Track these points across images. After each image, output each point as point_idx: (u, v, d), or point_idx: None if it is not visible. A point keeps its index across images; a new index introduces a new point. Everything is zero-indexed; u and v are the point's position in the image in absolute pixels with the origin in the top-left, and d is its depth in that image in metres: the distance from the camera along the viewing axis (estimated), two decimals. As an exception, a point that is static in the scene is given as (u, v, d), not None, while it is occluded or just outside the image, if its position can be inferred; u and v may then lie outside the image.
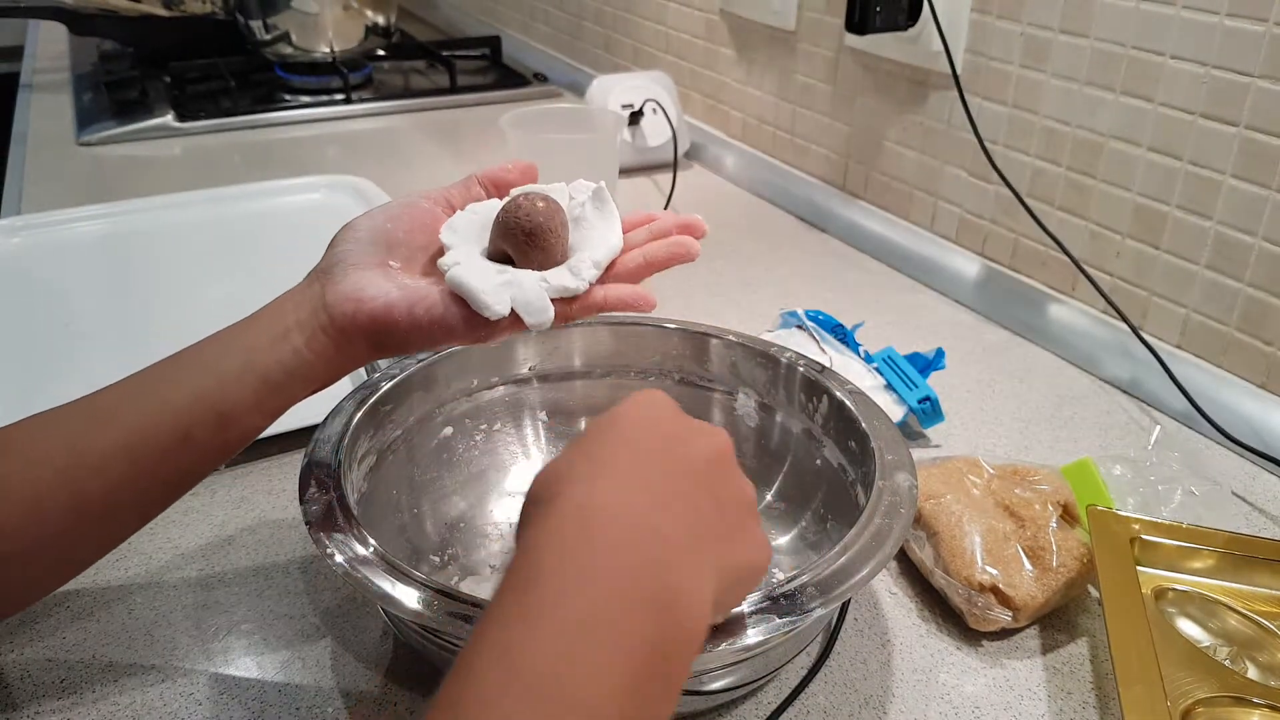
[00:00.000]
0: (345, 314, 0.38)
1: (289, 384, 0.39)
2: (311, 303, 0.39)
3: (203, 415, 0.37)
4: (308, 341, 0.39)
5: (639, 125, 0.99)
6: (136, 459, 0.37)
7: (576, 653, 0.25)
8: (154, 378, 0.38)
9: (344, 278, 0.39)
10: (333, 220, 0.46)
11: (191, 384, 0.38)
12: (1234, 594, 0.46)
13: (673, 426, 0.33)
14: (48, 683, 0.42)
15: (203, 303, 0.74)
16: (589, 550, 0.27)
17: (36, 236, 0.83)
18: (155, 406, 0.37)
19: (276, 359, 0.38)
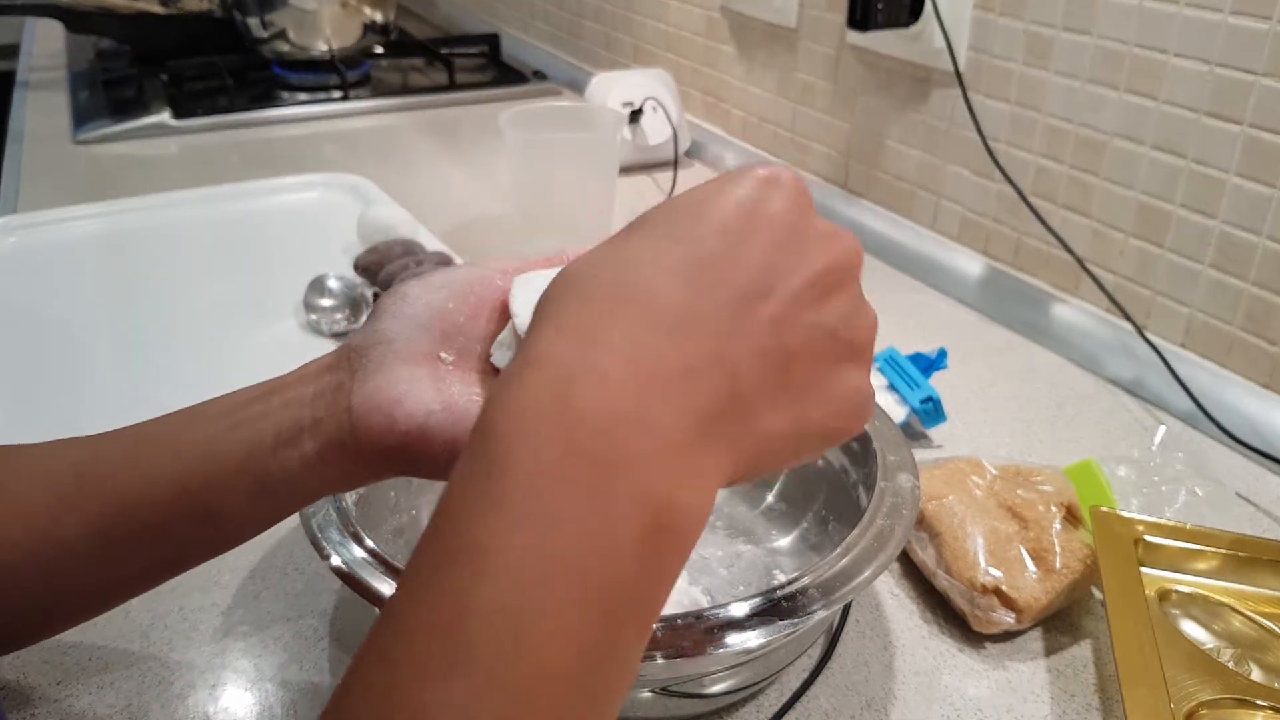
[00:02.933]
0: (373, 429, 0.30)
1: (291, 494, 0.32)
2: (334, 398, 0.31)
3: (186, 511, 0.32)
4: (320, 452, 0.31)
5: (639, 123, 0.98)
6: (111, 544, 0.32)
7: (554, 546, 0.21)
8: (150, 447, 0.33)
9: (379, 371, 0.31)
10: (331, 219, 0.44)
11: (179, 472, 0.32)
12: (1238, 596, 0.46)
13: (777, 237, 0.26)
14: (45, 684, 0.42)
15: (200, 301, 0.73)
16: (562, 444, 0.22)
17: (33, 235, 0.82)
18: (137, 487, 0.32)
19: (280, 466, 0.31)
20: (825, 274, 0.27)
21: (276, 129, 1.14)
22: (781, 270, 0.26)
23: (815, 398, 0.27)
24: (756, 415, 0.25)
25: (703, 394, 0.24)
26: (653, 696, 0.38)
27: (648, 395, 0.23)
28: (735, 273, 0.25)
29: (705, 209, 0.26)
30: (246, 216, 0.88)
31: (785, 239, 0.26)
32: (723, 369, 0.24)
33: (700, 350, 0.24)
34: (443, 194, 0.97)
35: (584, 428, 0.22)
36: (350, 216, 0.81)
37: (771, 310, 0.26)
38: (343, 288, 0.70)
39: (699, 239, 0.26)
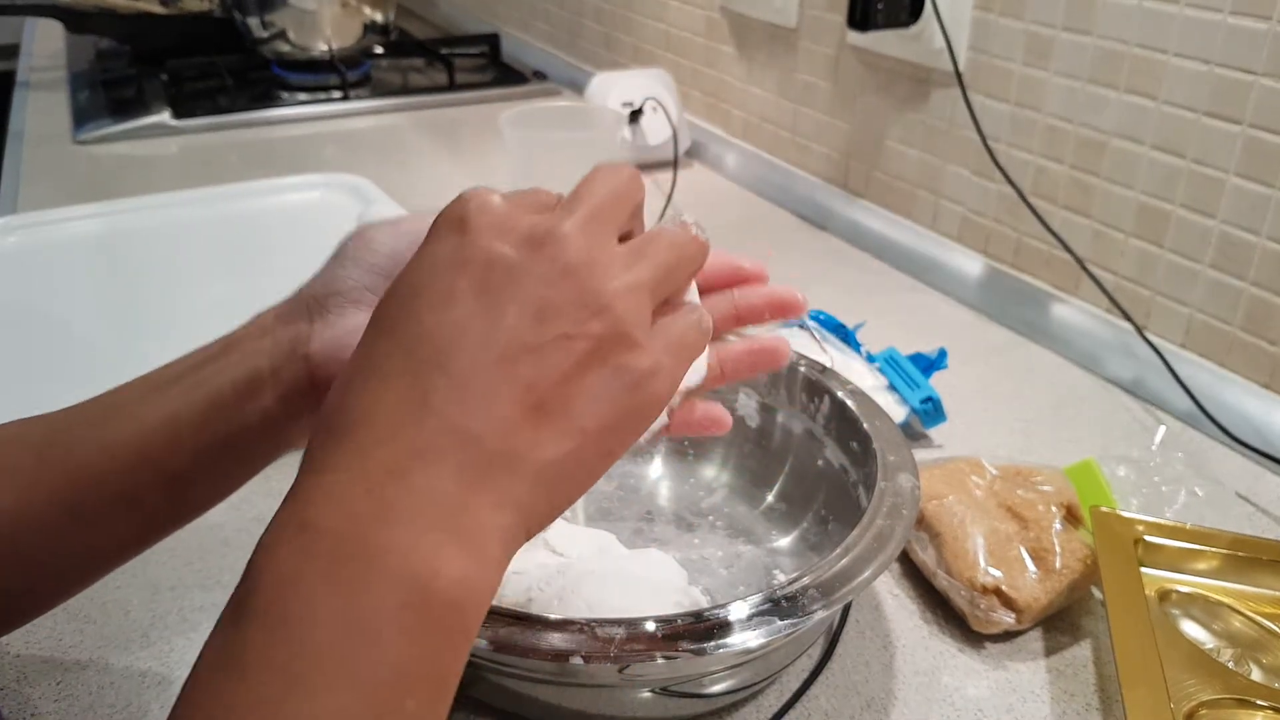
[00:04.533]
0: (329, 377, 0.31)
1: (254, 449, 0.33)
2: (293, 346, 0.32)
3: (150, 479, 0.32)
4: (280, 400, 0.32)
5: (639, 124, 0.98)
6: (81, 519, 0.32)
7: (310, 643, 0.22)
8: (109, 416, 0.33)
9: (338, 318, 0.32)
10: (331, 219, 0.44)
11: (140, 439, 0.32)
12: (1238, 596, 0.46)
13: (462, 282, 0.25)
14: (44, 684, 0.42)
15: (199, 302, 0.73)
16: (303, 553, 0.23)
17: (33, 235, 0.82)
18: (99, 459, 0.32)
19: (241, 420, 0.32)
20: (532, 291, 0.26)
21: (276, 129, 1.14)
22: (478, 313, 0.25)
23: (583, 407, 0.26)
24: (520, 457, 0.25)
25: (443, 468, 0.24)
26: (653, 696, 0.38)
27: (383, 492, 0.23)
28: (434, 342, 0.25)
29: (402, 289, 0.26)
30: (246, 216, 0.88)
31: (476, 284, 0.26)
32: (455, 438, 0.24)
33: (426, 434, 0.24)
34: (443, 194, 0.96)
35: (324, 536, 0.23)
36: (350, 217, 0.81)
37: (483, 358, 0.25)
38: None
39: (399, 328, 0.26)
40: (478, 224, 0.26)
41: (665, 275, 0.28)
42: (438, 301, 0.25)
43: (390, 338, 0.26)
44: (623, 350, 0.26)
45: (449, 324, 0.25)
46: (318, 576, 0.22)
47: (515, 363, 0.25)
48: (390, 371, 0.25)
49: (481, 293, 0.25)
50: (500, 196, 0.28)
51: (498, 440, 0.25)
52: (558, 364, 0.25)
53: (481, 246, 0.26)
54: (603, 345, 0.26)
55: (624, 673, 0.35)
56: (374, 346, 0.26)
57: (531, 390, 0.25)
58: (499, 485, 0.24)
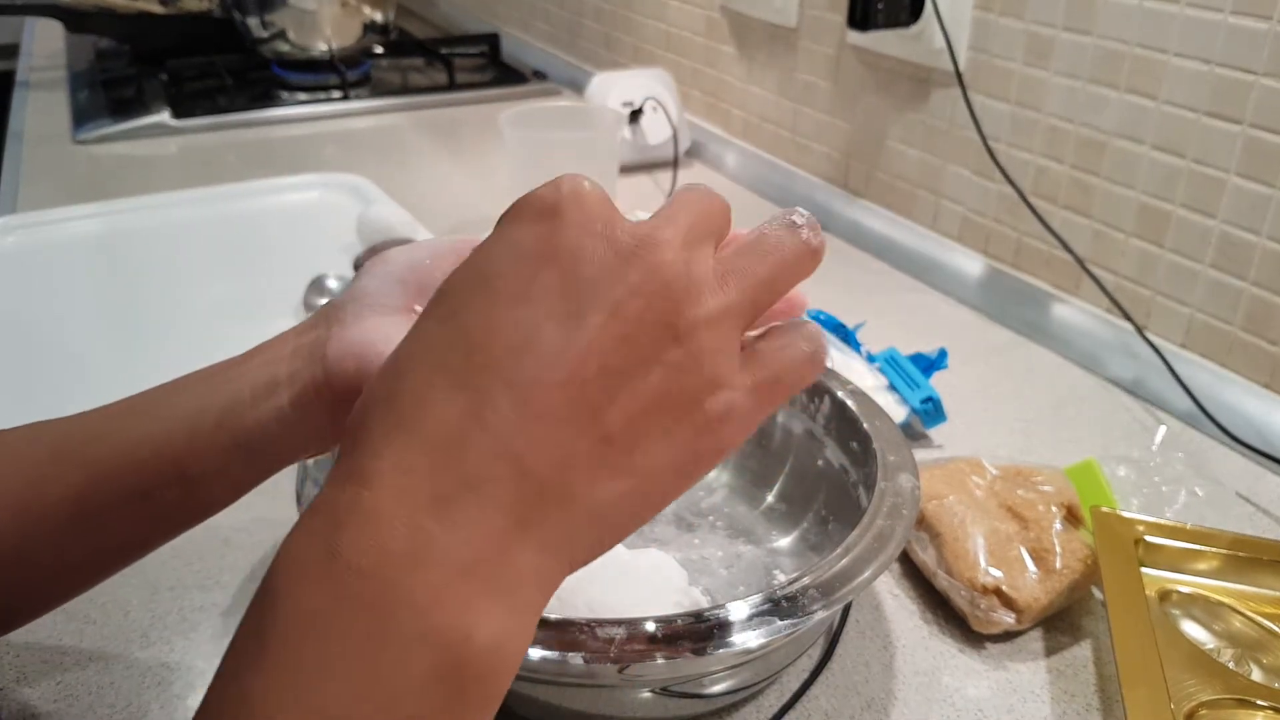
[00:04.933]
0: (345, 373, 0.31)
1: (267, 451, 0.32)
2: (311, 350, 0.32)
3: (165, 475, 0.31)
4: (294, 401, 0.31)
5: (639, 123, 0.98)
6: (89, 516, 0.32)
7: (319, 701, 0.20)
8: (124, 416, 0.33)
9: (355, 321, 0.32)
10: (330, 219, 0.44)
11: (158, 435, 0.32)
12: (1238, 596, 0.46)
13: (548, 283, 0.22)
14: (44, 684, 0.42)
15: (199, 301, 0.73)
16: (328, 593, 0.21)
17: (32, 235, 0.82)
18: (115, 455, 0.32)
19: (256, 419, 0.31)
20: (620, 300, 0.22)
21: (276, 129, 1.14)
22: (557, 316, 0.22)
23: (650, 445, 0.23)
24: (575, 494, 0.22)
25: (491, 503, 0.21)
26: (653, 697, 0.38)
27: (422, 527, 0.21)
28: (502, 343, 0.22)
29: (477, 277, 0.23)
30: (246, 216, 0.88)
31: (559, 281, 0.23)
32: (509, 468, 0.22)
33: (477, 458, 0.21)
34: (442, 194, 0.97)
35: (351, 573, 0.21)
36: (350, 216, 0.81)
37: (554, 373, 0.22)
38: (342, 288, 0.70)
39: (461, 317, 0.23)
40: (573, 212, 0.23)
41: (764, 292, 0.25)
42: (513, 294, 0.22)
43: (452, 325, 0.23)
44: (702, 387, 0.23)
45: (522, 323, 0.22)
46: (341, 623, 0.20)
47: (586, 385, 0.22)
48: (449, 368, 0.22)
49: (565, 293, 0.22)
50: (597, 187, 0.24)
51: (554, 474, 0.22)
52: (632, 392, 0.23)
53: (573, 238, 0.23)
54: (682, 377, 0.23)
55: (624, 673, 0.35)
56: (434, 332, 0.23)
57: (598, 420, 0.22)
58: (547, 524, 0.22)
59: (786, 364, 0.26)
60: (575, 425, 0.22)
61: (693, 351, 0.23)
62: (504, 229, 0.24)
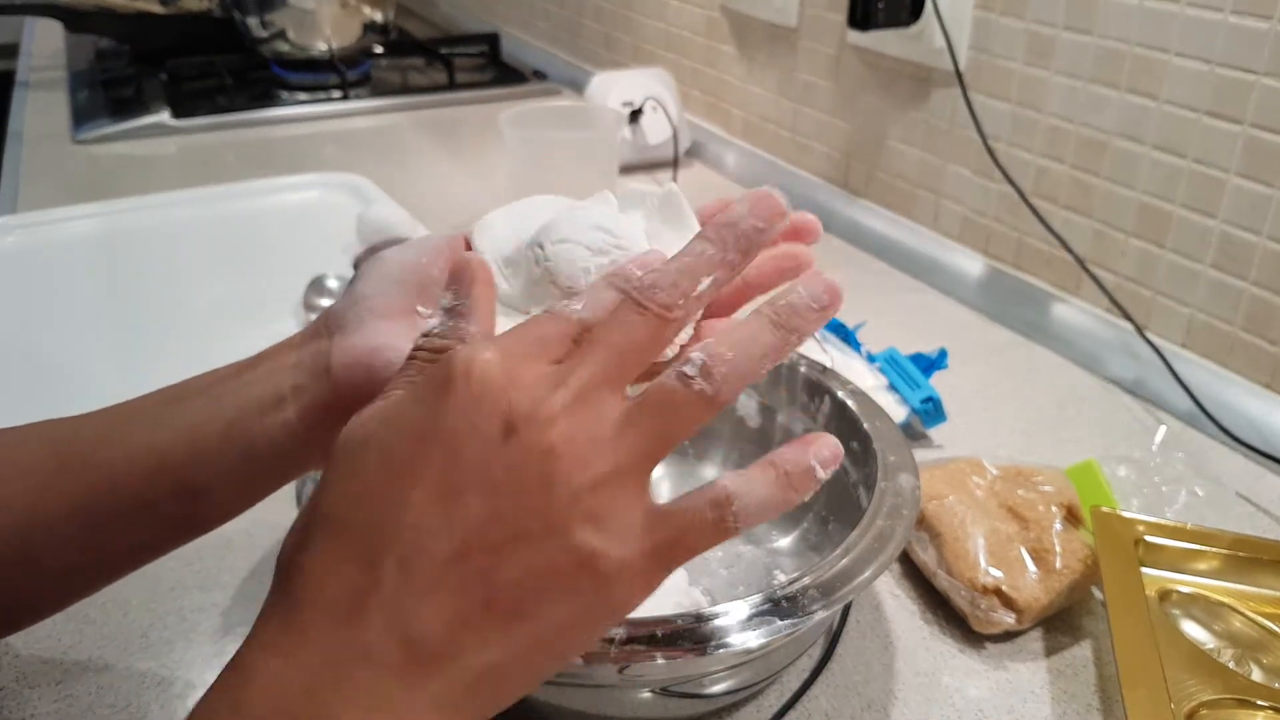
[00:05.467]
0: (354, 384, 0.31)
1: (276, 464, 0.32)
2: (314, 361, 0.32)
3: (170, 487, 0.32)
4: (302, 414, 0.31)
5: (639, 123, 0.98)
6: (94, 523, 0.32)
7: None
8: (130, 423, 0.32)
9: (358, 329, 0.32)
10: (331, 219, 0.44)
11: (163, 446, 0.32)
12: (1238, 596, 0.46)
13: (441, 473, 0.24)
14: (43, 685, 0.42)
15: (199, 301, 0.73)
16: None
17: (32, 235, 0.82)
18: (120, 464, 0.31)
19: (264, 431, 0.31)
20: (496, 483, 0.24)
21: (276, 129, 1.14)
22: (438, 499, 0.24)
23: (534, 610, 0.24)
24: (464, 659, 0.24)
25: (383, 671, 0.23)
26: (653, 697, 0.38)
27: (318, 693, 0.23)
28: (392, 522, 0.24)
29: (371, 446, 0.25)
30: (246, 216, 0.88)
31: (442, 461, 0.24)
32: (398, 639, 0.23)
33: (370, 630, 0.23)
34: (442, 194, 0.96)
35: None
36: (350, 216, 0.81)
37: (438, 551, 0.24)
38: (342, 287, 0.70)
39: (360, 491, 0.24)
40: (461, 393, 0.24)
41: (661, 447, 0.25)
42: (401, 474, 0.24)
43: (351, 499, 0.25)
44: (590, 552, 0.24)
45: (411, 502, 0.24)
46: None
47: (468, 559, 0.24)
48: (347, 542, 0.24)
49: (446, 475, 0.24)
50: (496, 353, 0.25)
51: (442, 643, 0.24)
52: (513, 563, 0.24)
53: (454, 423, 0.24)
54: (566, 545, 0.24)
55: (624, 673, 0.34)
56: (332, 505, 0.25)
57: (482, 586, 0.24)
58: (439, 687, 0.24)
59: (686, 527, 0.26)
60: (461, 594, 0.24)
61: (575, 520, 0.24)
62: (405, 398, 0.25)
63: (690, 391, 0.25)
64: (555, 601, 0.24)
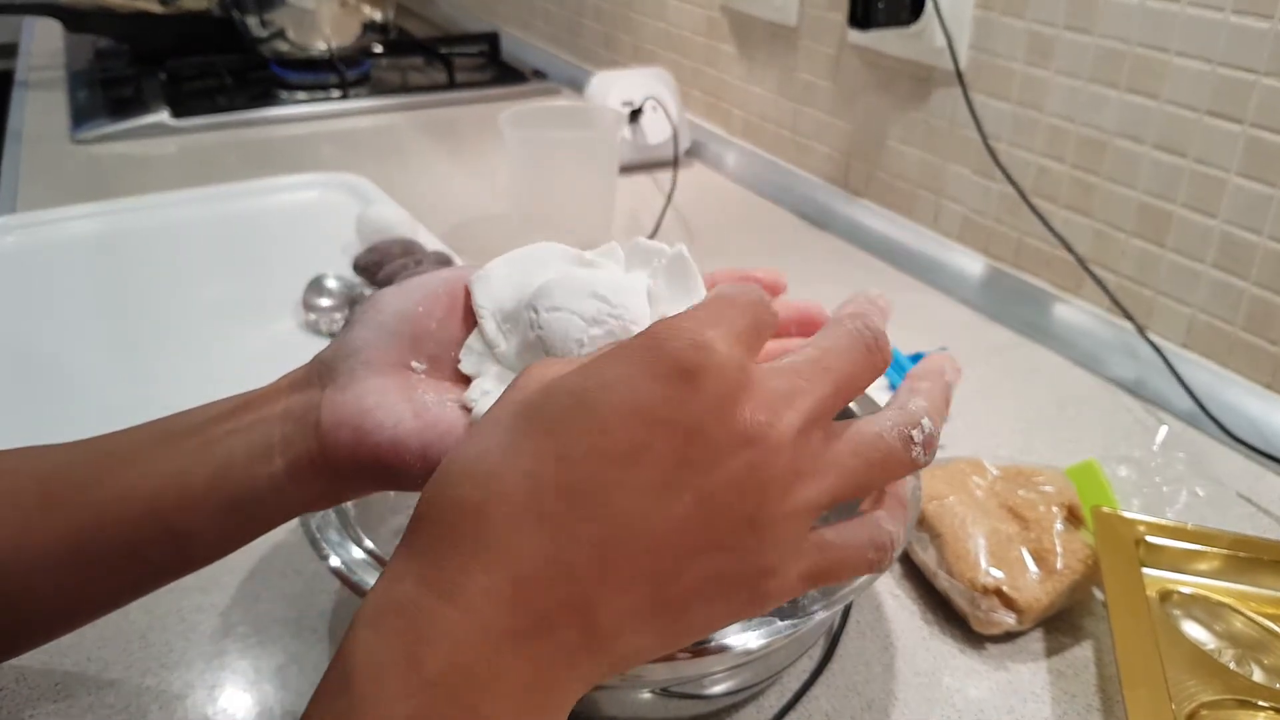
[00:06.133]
0: (341, 445, 0.30)
1: (261, 514, 0.31)
2: (304, 413, 0.31)
3: (156, 533, 0.31)
4: (289, 469, 0.30)
5: (639, 123, 0.98)
6: (80, 563, 0.31)
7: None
8: (120, 462, 0.32)
9: (349, 384, 0.30)
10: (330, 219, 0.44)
11: (148, 491, 0.31)
12: (1239, 596, 0.46)
13: (672, 456, 0.23)
14: (43, 686, 0.42)
15: (198, 301, 0.73)
16: (411, 704, 0.22)
17: (31, 235, 0.82)
18: (105, 506, 0.31)
19: (250, 483, 0.30)
20: (717, 489, 0.24)
21: (275, 128, 1.14)
22: (657, 487, 0.23)
23: (696, 612, 0.25)
24: (621, 641, 0.24)
25: (556, 647, 0.23)
26: (653, 697, 0.38)
27: (499, 654, 0.23)
28: (601, 498, 0.23)
29: (591, 413, 0.24)
30: (245, 216, 0.88)
31: (670, 454, 0.23)
32: (580, 616, 0.23)
33: (556, 603, 0.23)
34: (442, 194, 0.96)
35: (433, 688, 0.22)
36: (349, 216, 0.81)
37: (640, 540, 0.23)
38: (342, 287, 0.70)
39: (565, 462, 0.23)
40: (708, 390, 0.24)
41: (852, 492, 0.26)
42: (622, 454, 0.23)
43: (554, 468, 0.23)
44: (763, 571, 0.25)
45: (623, 485, 0.23)
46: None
47: (663, 555, 0.24)
48: (544, 510, 0.23)
49: (673, 469, 0.23)
50: (743, 354, 0.25)
51: (612, 626, 0.24)
52: (700, 568, 0.24)
53: (696, 415, 0.24)
54: (746, 563, 0.25)
55: (624, 673, 0.34)
56: (533, 466, 0.24)
57: (662, 587, 0.24)
58: (593, 663, 0.24)
59: (843, 563, 0.27)
60: (643, 589, 0.24)
61: (765, 544, 0.25)
62: (635, 371, 0.24)
63: (908, 457, 0.27)
64: (713, 607, 0.25)
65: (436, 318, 0.32)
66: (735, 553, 0.24)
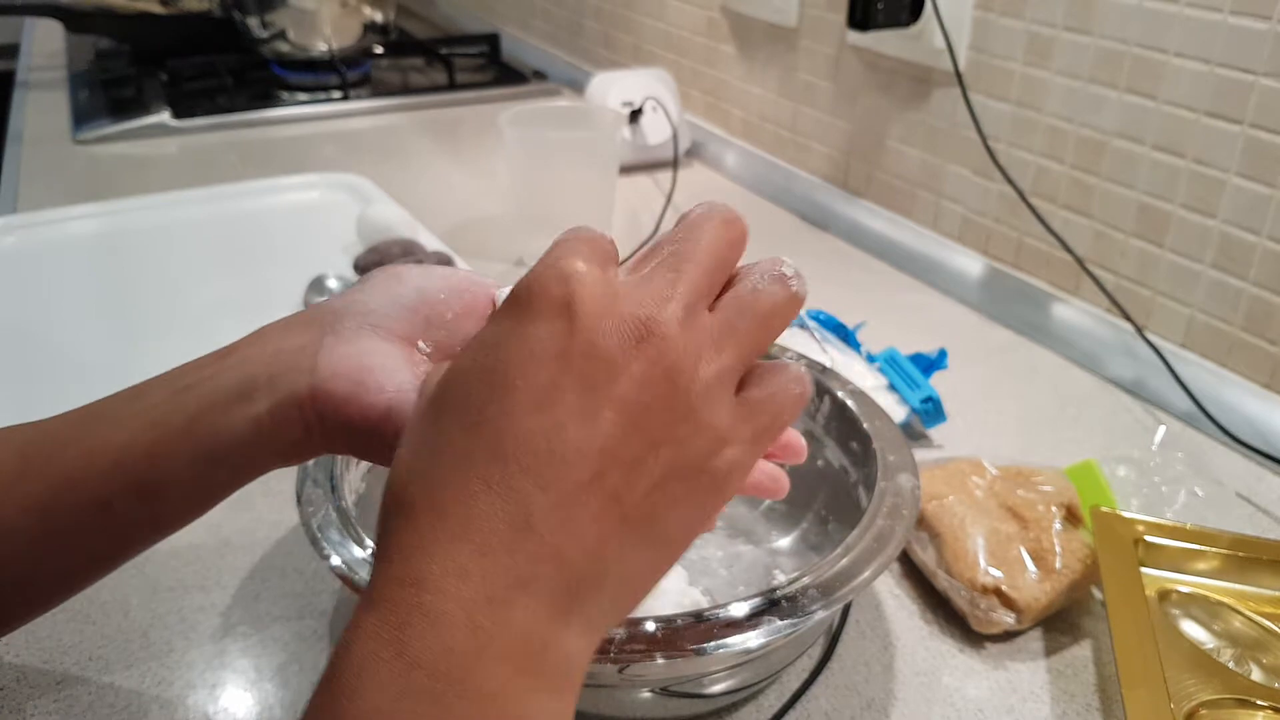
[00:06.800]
0: (332, 395, 0.29)
1: (236, 461, 0.31)
2: (296, 356, 0.30)
3: (126, 485, 0.30)
4: (273, 410, 0.30)
5: (639, 123, 0.98)
6: (52, 528, 0.31)
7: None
8: (95, 422, 0.31)
9: (354, 338, 0.30)
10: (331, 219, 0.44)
11: (120, 443, 0.30)
12: (1238, 596, 0.46)
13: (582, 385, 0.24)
14: (44, 685, 0.42)
15: (199, 301, 0.73)
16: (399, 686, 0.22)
17: (32, 235, 0.82)
18: (77, 463, 0.30)
19: (228, 426, 0.30)
20: (629, 394, 0.24)
21: (276, 129, 1.14)
22: (576, 417, 0.24)
23: (665, 512, 0.25)
24: (606, 574, 0.24)
25: (538, 601, 0.23)
26: (653, 697, 0.38)
27: (481, 626, 0.23)
28: (531, 448, 0.24)
29: (492, 375, 0.24)
30: (246, 216, 0.88)
31: (575, 383, 0.24)
32: (552, 564, 0.23)
33: (524, 559, 0.23)
34: (442, 194, 0.97)
35: (420, 669, 0.22)
36: (350, 216, 0.81)
37: (579, 472, 0.24)
38: (342, 287, 0.70)
39: (488, 425, 0.24)
40: (585, 311, 0.24)
41: (754, 349, 0.27)
42: (533, 400, 0.24)
43: (481, 434, 0.24)
44: (707, 451, 0.26)
45: (546, 429, 0.24)
46: (412, 716, 0.22)
47: (607, 476, 0.24)
48: (488, 477, 0.24)
49: (583, 393, 0.24)
50: (603, 272, 0.26)
51: (589, 562, 0.24)
52: (648, 473, 0.25)
53: (586, 339, 0.24)
54: (688, 449, 0.25)
55: (624, 673, 0.35)
56: (463, 440, 0.24)
57: (619, 501, 0.24)
58: (586, 608, 0.24)
59: (779, 409, 0.27)
60: (602, 513, 0.24)
61: (696, 424, 0.25)
62: (519, 325, 0.25)
63: (789, 292, 0.28)
64: (680, 503, 0.25)
65: (454, 310, 0.32)
66: (673, 443, 0.25)
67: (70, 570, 0.33)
